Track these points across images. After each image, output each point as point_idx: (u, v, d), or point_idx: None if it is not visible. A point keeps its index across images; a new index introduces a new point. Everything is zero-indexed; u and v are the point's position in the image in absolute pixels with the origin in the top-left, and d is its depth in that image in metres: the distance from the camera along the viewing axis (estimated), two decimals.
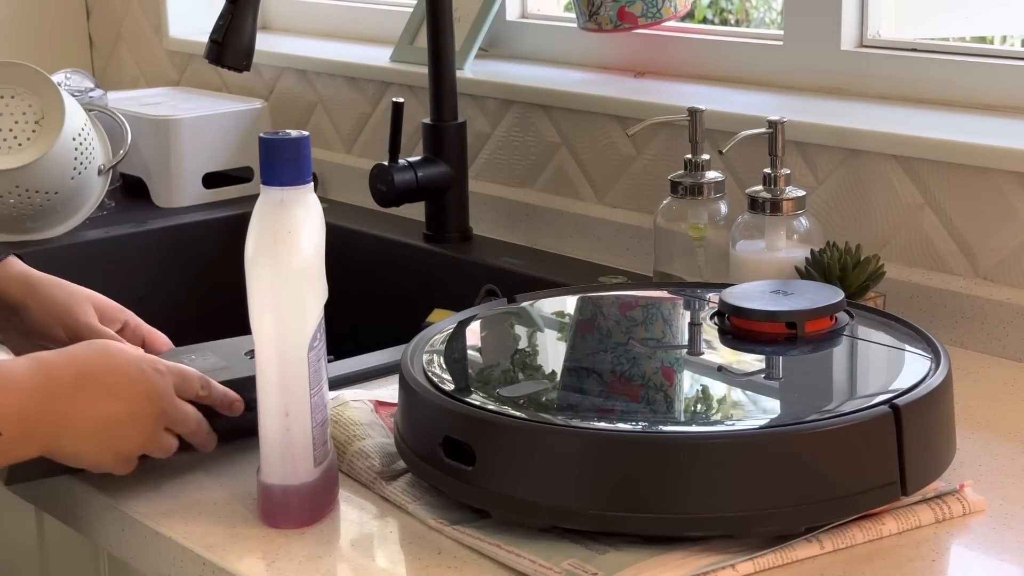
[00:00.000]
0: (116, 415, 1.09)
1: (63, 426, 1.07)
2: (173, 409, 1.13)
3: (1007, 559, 1.04)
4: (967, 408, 1.27)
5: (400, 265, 1.87)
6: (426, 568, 1.03)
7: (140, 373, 1.11)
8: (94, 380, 1.09)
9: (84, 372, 1.09)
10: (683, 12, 1.80)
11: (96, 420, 1.09)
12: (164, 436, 1.13)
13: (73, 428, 1.08)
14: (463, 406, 1.07)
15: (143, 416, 1.11)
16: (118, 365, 1.11)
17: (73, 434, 1.08)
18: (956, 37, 1.65)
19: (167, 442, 1.13)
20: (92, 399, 1.09)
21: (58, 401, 1.07)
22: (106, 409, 1.09)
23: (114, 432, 1.10)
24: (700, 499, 1.00)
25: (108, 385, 1.09)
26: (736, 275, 1.42)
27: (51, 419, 1.07)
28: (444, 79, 1.80)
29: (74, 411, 1.08)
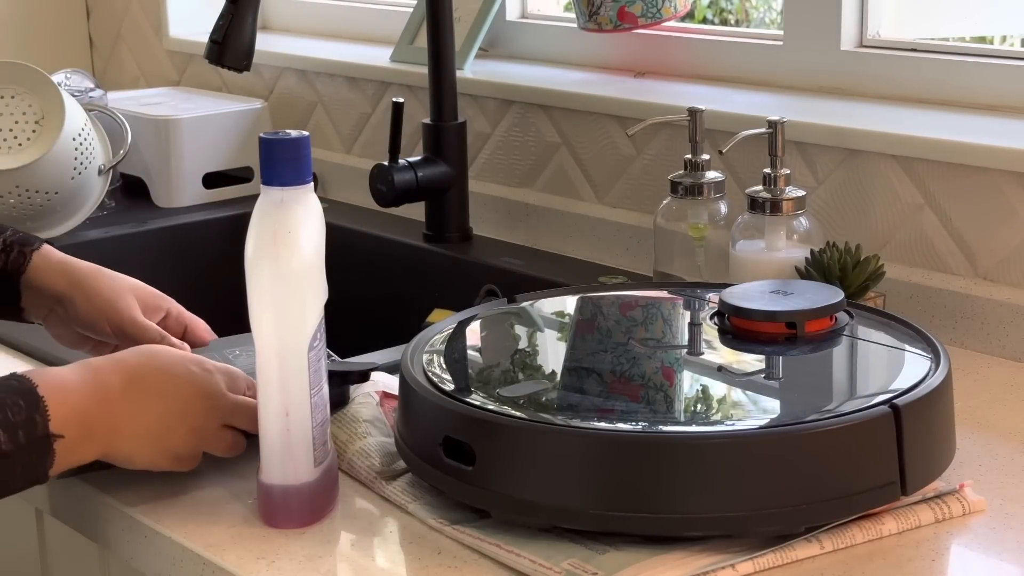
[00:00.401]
0: (166, 414, 1.10)
1: (116, 427, 1.09)
2: (226, 404, 1.13)
3: (1007, 559, 1.04)
4: (967, 408, 1.27)
5: (400, 265, 1.88)
6: (426, 568, 1.03)
7: (187, 372, 1.12)
8: (142, 381, 1.10)
9: (132, 374, 1.10)
10: (683, 12, 1.80)
11: (147, 420, 1.10)
12: (224, 433, 1.13)
13: (126, 429, 1.09)
14: (463, 406, 1.07)
15: (194, 413, 1.12)
16: (165, 366, 1.12)
17: (127, 435, 1.09)
18: (956, 37, 1.65)
19: (228, 438, 1.14)
20: (141, 400, 1.10)
21: (110, 403, 1.08)
22: (156, 409, 1.10)
23: (166, 431, 1.11)
24: (700, 499, 1.00)
25: (156, 385, 1.11)
26: (736, 275, 1.42)
27: (105, 421, 1.08)
28: (444, 79, 1.80)
29: (125, 412, 1.09)
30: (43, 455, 1.05)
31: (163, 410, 1.10)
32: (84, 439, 1.07)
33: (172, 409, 1.11)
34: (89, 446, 1.08)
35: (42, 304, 1.32)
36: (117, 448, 1.10)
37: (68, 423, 1.05)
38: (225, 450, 1.14)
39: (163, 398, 1.11)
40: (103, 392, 1.08)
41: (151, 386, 1.11)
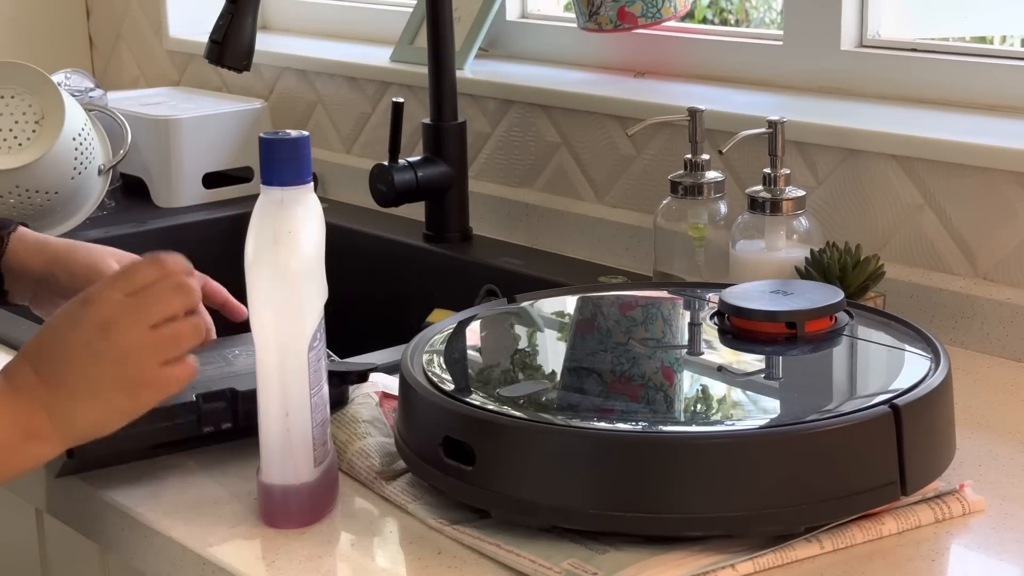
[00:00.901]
0: (77, 367, 1.02)
1: (51, 410, 1.02)
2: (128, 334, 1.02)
3: (1007, 559, 1.04)
4: (967, 408, 1.27)
5: (400, 265, 1.88)
6: (426, 568, 1.03)
7: (70, 318, 1.03)
8: (43, 354, 1.03)
9: (37, 355, 1.03)
10: (683, 12, 1.80)
11: (69, 385, 1.02)
12: (163, 370, 1.03)
13: (61, 405, 1.02)
14: (463, 406, 1.07)
15: (99, 348, 1.02)
16: (52, 325, 1.04)
17: (67, 410, 1.02)
18: (956, 37, 1.65)
19: (165, 375, 1.04)
20: (53, 370, 1.02)
21: (32, 396, 1.02)
22: (66, 370, 1.02)
23: (92, 379, 1.02)
24: (700, 499, 1.00)
25: (54, 350, 1.03)
26: (736, 275, 1.42)
27: (38, 411, 1.02)
28: (444, 79, 1.80)
29: (48, 391, 1.02)
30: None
31: (73, 367, 1.02)
32: (23, 441, 1.02)
33: (80, 361, 1.02)
34: (35, 444, 1.03)
35: (24, 286, 1.31)
36: (72, 427, 1.03)
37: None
38: (176, 381, 1.04)
39: (67, 357, 1.02)
40: (19, 387, 1.02)
41: (52, 354, 1.03)
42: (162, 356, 1.03)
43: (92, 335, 1.02)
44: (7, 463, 1.03)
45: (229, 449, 1.22)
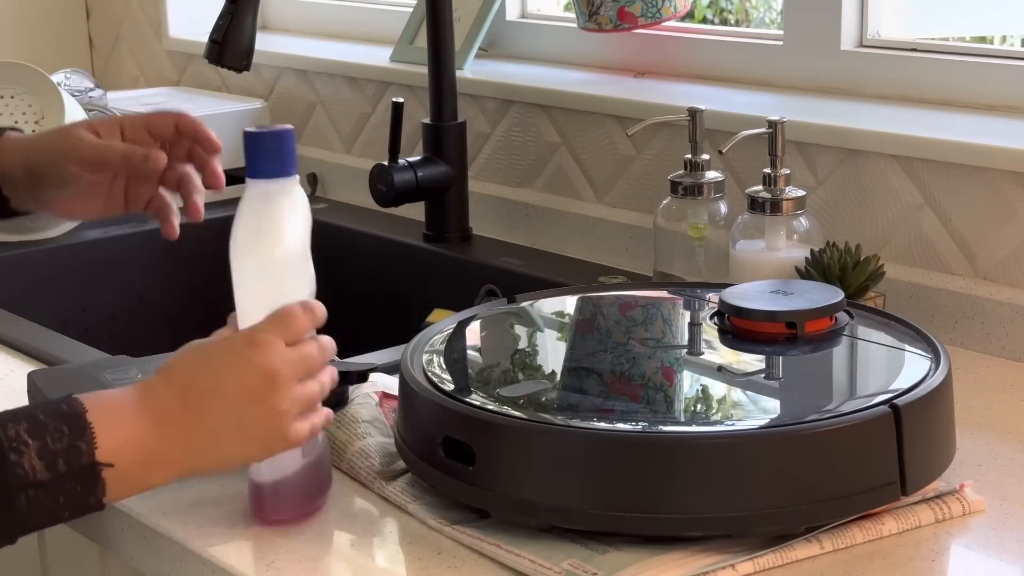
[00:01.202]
0: (231, 407, 1.03)
1: (189, 443, 1.02)
2: (289, 387, 1.04)
3: (1007, 559, 1.04)
4: (967, 408, 1.27)
5: (400, 265, 1.88)
6: (426, 568, 1.03)
7: (239, 358, 1.04)
8: (196, 386, 1.03)
9: (184, 383, 1.03)
10: (683, 12, 1.80)
11: (216, 422, 1.03)
12: (298, 424, 1.04)
13: (201, 440, 1.03)
14: (463, 406, 1.07)
15: (260, 394, 1.03)
16: (211, 359, 1.04)
17: (204, 446, 1.03)
18: (956, 37, 1.65)
19: (301, 430, 1.04)
20: (202, 403, 1.03)
21: (170, 422, 1.02)
22: (218, 407, 1.02)
23: (243, 423, 1.03)
24: (700, 499, 1.00)
25: (210, 385, 1.03)
26: (736, 275, 1.42)
27: (170, 441, 1.02)
28: (444, 79, 1.80)
29: (191, 425, 1.02)
30: (90, 484, 0.98)
31: (225, 406, 1.02)
32: (143, 465, 1.01)
33: (234, 401, 1.02)
34: (157, 471, 1.02)
35: (22, 190, 1.26)
36: (200, 462, 1.03)
37: (122, 451, 0.99)
38: (302, 438, 1.05)
39: (221, 394, 1.03)
40: (159, 413, 1.02)
41: (207, 388, 1.03)
42: (302, 413, 1.05)
43: (256, 382, 1.03)
44: (120, 489, 1.01)
45: None
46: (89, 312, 1.91)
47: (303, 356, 1.05)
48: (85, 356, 1.43)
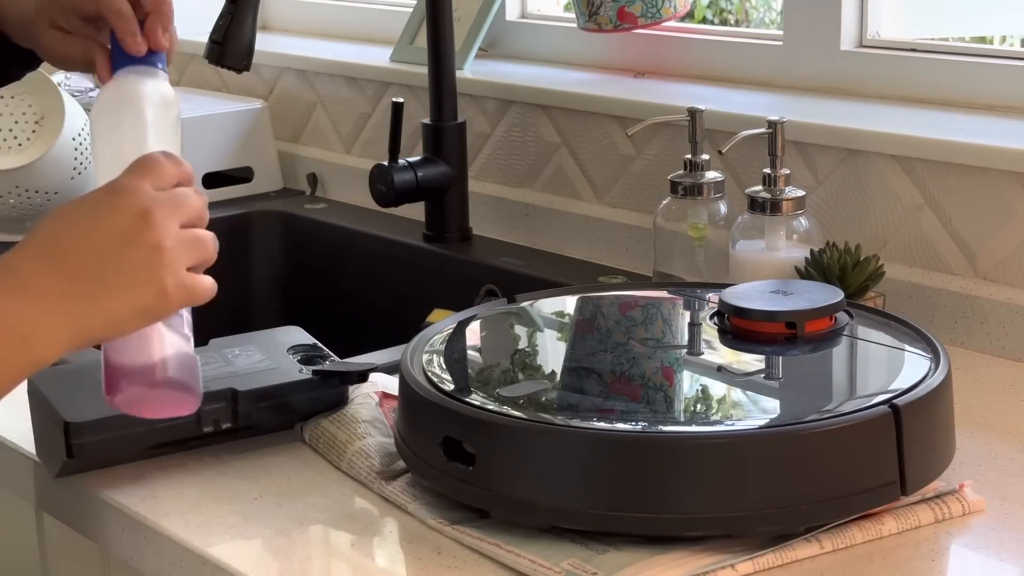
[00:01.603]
0: (104, 255, 0.94)
1: (67, 305, 0.93)
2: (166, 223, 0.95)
3: (1006, 559, 1.04)
4: (967, 408, 1.27)
5: (400, 265, 1.88)
6: (426, 568, 1.03)
7: (100, 205, 0.95)
8: (60, 245, 0.94)
9: (46, 245, 0.94)
10: (683, 12, 1.80)
11: (91, 276, 0.93)
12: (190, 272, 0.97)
13: (80, 300, 0.93)
14: (463, 406, 1.07)
15: (134, 234, 0.94)
16: (72, 214, 0.95)
17: (85, 305, 0.93)
18: (956, 37, 1.65)
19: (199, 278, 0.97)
20: (71, 261, 0.94)
21: (40, 288, 0.93)
22: (91, 260, 0.93)
23: (123, 269, 0.94)
24: (700, 499, 1.00)
25: (76, 239, 0.94)
26: (736, 275, 1.42)
27: (49, 307, 0.93)
28: (444, 79, 1.80)
29: (65, 283, 0.93)
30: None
31: (99, 256, 0.93)
32: (19, 344, 0.92)
33: (109, 249, 0.94)
34: (38, 345, 0.93)
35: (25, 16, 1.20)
36: (87, 324, 0.93)
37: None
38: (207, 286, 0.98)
39: (92, 245, 0.94)
40: (23, 283, 0.93)
41: (73, 243, 0.94)
42: (191, 258, 0.97)
43: (128, 221, 0.94)
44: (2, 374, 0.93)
45: (229, 449, 1.22)
46: None
47: (176, 196, 0.97)
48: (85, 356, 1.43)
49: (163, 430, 1.18)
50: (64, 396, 1.18)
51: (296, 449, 1.23)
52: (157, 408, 1.01)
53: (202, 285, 0.98)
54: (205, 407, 1.18)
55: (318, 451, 1.21)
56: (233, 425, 1.20)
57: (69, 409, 1.16)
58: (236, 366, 1.24)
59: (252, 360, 1.25)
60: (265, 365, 1.25)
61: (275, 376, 1.23)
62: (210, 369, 1.23)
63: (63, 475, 1.19)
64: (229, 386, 1.20)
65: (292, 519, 1.11)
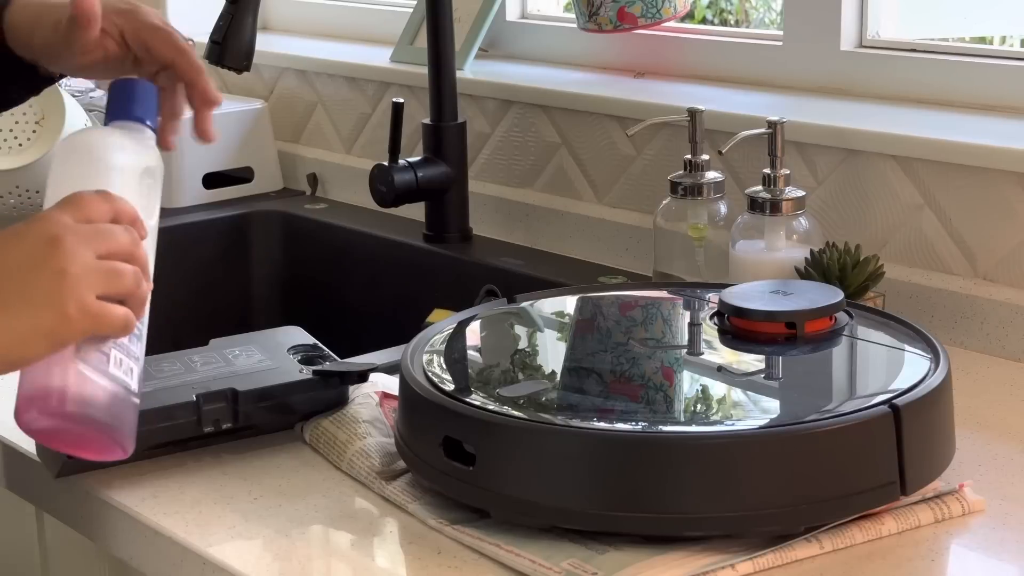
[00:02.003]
0: (10, 278, 0.94)
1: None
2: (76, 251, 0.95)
3: (1006, 559, 1.04)
4: (967, 408, 1.27)
5: (400, 265, 1.88)
6: (426, 568, 1.03)
7: (14, 235, 0.96)
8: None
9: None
10: (683, 13, 1.80)
11: (8, 291, 0.94)
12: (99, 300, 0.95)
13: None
14: (463, 406, 1.07)
15: (41, 259, 0.94)
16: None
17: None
18: (956, 37, 1.65)
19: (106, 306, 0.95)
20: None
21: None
22: (10, 275, 0.94)
23: (26, 291, 0.94)
24: (700, 499, 1.00)
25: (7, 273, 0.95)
26: (736, 275, 1.42)
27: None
28: (444, 79, 1.80)
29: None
30: None
31: (5, 278, 0.94)
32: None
33: (16, 273, 0.94)
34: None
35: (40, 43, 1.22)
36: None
37: None
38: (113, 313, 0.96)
39: (10, 270, 0.94)
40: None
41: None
42: (103, 287, 0.96)
43: (36, 247, 0.95)
44: None
45: (229, 449, 1.22)
46: None
47: (97, 229, 0.97)
48: None
49: (163, 430, 1.18)
50: None
51: (296, 449, 1.23)
52: (68, 444, 0.99)
53: (110, 313, 0.96)
54: (205, 407, 1.19)
55: (318, 451, 1.21)
56: (233, 425, 1.20)
57: None
58: (236, 366, 1.24)
59: (252, 360, 1.25)
60: (265, 365, 1.25)
61: (275, 376, 1.23)
62: (210, 369, 1.23)
63: (63, 475, 1.19)
64: (229, 386, 1.20)
65: (292, 519, 1.11)
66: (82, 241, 0.96)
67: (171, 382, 1.21)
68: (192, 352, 1.27)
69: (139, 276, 0.98)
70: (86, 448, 0.99)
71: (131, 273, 0.97)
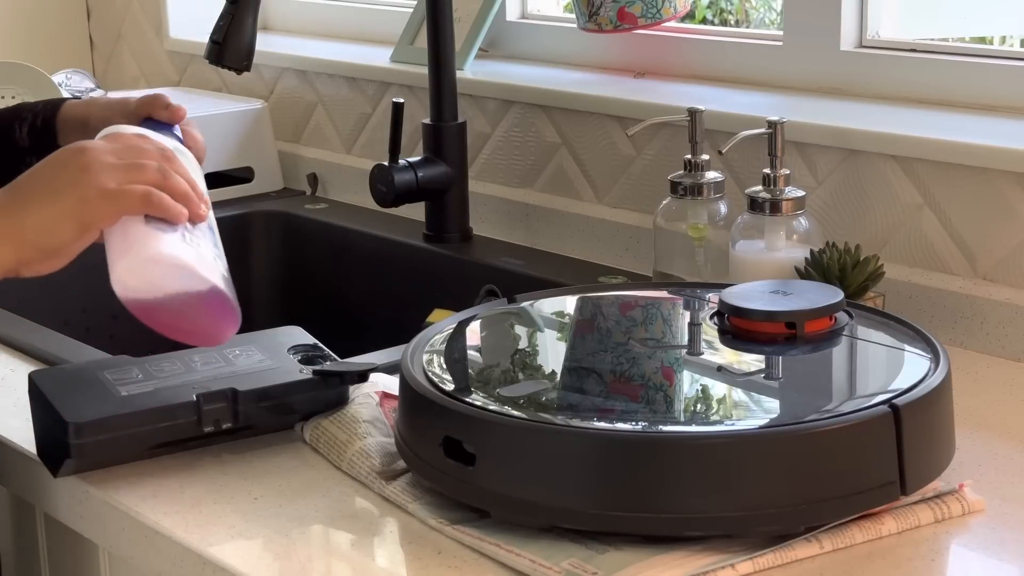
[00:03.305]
0: (41, 177, 1.10)
1: (6, 213, 1.09)
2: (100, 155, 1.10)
3: (1006, 559, 1.04)
4: (967, 408, 1.27)
5: (400, 265, 1.88)
6: (426, 568, 1.03)
7: (52, 156, 1.11)
8: (16, 182, 1.11)
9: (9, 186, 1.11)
10: (683, 13, 1.80)
11: (26, 191, 1.09)
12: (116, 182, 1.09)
13: (14, 208, 1.08)
14: (463, 406, 1.07)
15: (67, 160, 1.10)
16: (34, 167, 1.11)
17: (17, 211, 1.08)
18: (955, 37, 1.65)
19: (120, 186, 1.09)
20: (18, 187, 1.10)
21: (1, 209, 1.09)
22: (29, 181, 1.10)
23: (53, 184, 1.09)
24: (700, 499, 1.00)
25: (27, 176, 1.11)
26: (736, 275, 1.42)
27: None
28: (444, 79, 1.80)
29: (8, 199, 1.09)
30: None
31: (36, 178, 1.10)
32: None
33: (45, 172, 1.10)
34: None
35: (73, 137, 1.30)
36: (26, 230, 1.08)
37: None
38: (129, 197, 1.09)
39: (40, 173, 1.10)
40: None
41: (26, 176, 1.10)
42: (124, 176, 1.09)
43: (65, 155, 1.10)
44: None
45: (229, 449, 1.22)
46: (90, 312, 1.91)
47: (127, 147, 1.11)
48: (85, 356, 1.44)
49: (163, 430, 1.18)
50: (64, 396, 1.18)
51: (296, 449, 1.23)
52: (175, 316, 1.10)
53: (129, 191, 1.09)
54: (205, 407, 1.19)
55: (318, 451, 1.21)
56: (233, 425, 1.20)
57: (70, 409, 1.16)
58: (236, 366, 1.24)
59: (252, 360, 1.25)
60: (265, 365, 1.25)
61: (275, 376, 1.23)
62: (210, 369, 1.23)
63: (63, 475, 1.19)
64: (229, 386, 1.20)
65: (292, 519, 1.11)
66: (106, 149, 1.10)
67: (171, 382, 1.21)
68: (192, 352, 1.27)
69: (164, 170, 1.11)
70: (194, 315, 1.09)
71: (153, 168, 1.10)
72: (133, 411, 1.17)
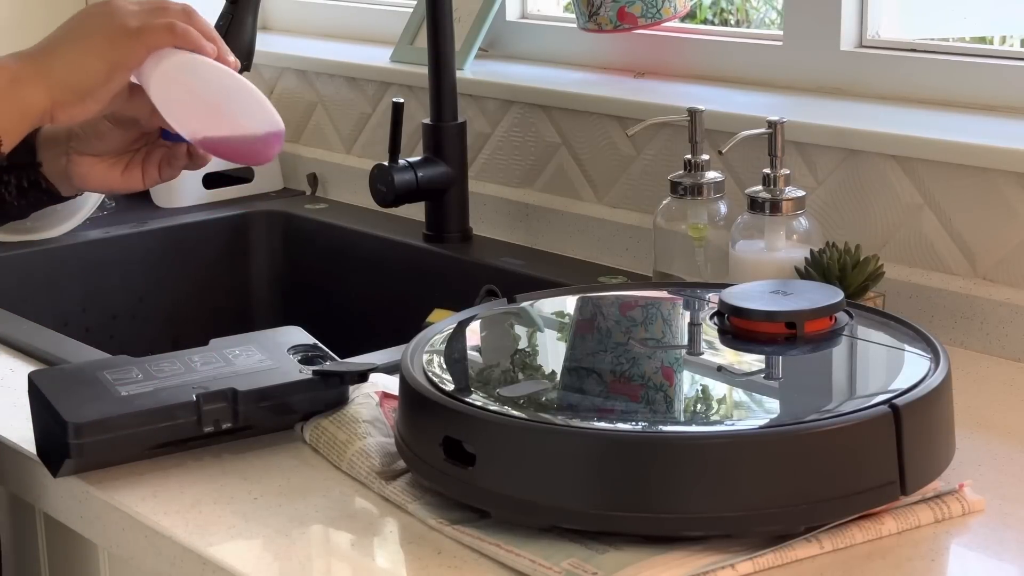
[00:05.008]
0: (71, 25, 1.16)
1: (43, 56, 1.15)
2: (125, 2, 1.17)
3: (1006, 559, 1.04)
4: (967, 408, 1.27)
5: (400, 265, 1.88)
6: (426, 568, 1.03)
7: (86, 7, 1.18)
8: (49, 35, 1.17)
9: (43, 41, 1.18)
10: (683, 12, 1.80)
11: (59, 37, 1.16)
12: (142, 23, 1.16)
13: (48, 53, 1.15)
14: (463, 406, 1.07)
15: (95, 9, 1.16)
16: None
17: (52, 54, 1.15)
18: (956, 37, 1.65)
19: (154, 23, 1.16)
20: (51, 37, 1.17)
21: (29, 54, 1.16)
22: (61, 30, 1.16)
23: (83, 28, 1.15)
24: (700, 499, 1.00)
25: (59, 29, 1.17)
26: (736, 275, 1.42)
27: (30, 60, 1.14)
28: (444, 79, 1.80)
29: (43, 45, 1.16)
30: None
31: (68, 26, 1.16)
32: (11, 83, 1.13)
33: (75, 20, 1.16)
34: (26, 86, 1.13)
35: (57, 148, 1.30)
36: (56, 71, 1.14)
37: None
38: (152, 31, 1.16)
39: (66, 25, 1.17)
40: (20, 54, 1.15)
41: (55, 31, 1.17)
42: (147, 17, 1.15)
43: (91, 8, 1.17)
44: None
45: (229, 449, 1.22)
46: (89, 312, 1.92)
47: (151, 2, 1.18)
48: (85, 356, 1.44)
49: (163, 430, 1.18)
50: (64, 396, 1.18)
51: (296, 449, 1.23)
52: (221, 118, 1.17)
53: (153, 25, 1.15)
54: (205, 407, 1.19)
55: (318, 451, 1.21)
56: (233, 425, 1.20)
57: (69, 409, 1.16)
58: (236, 366, 1.24)
59: (252, 360, 1.25)
60: (265, 365, 1.25)
61: (275, 376, 1.23)
62: (210, 369, 1.23)
63: (63, 475, 1.19)
64: (229, 386, 1.20)
65: (292, 519, 1.11)
66: (134, 3, 1.17)
67: (171, 382, 1.21)
68: (192, 352, 1.27)
69: (189, 10, 1.17)
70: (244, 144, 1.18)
71: (177, 9, 1.17)
72: (133, 411, 1.17)
